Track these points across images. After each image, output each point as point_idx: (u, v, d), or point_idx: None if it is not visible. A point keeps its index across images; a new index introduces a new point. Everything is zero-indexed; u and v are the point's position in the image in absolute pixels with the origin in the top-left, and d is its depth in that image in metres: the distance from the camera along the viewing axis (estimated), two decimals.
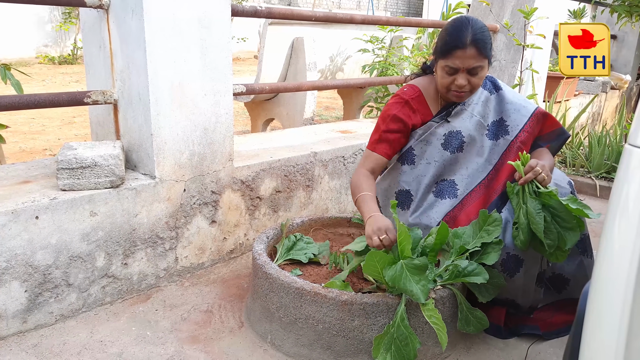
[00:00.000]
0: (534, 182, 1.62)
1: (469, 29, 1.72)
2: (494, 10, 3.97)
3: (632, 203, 0.85)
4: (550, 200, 1.58)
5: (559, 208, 1.56)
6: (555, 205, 1.57)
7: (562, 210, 1.56)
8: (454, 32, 1.74)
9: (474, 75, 1.77)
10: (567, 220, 1.56)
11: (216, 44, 2.02)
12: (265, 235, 1.96)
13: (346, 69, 4.42)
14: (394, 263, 1.52)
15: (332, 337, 1.59)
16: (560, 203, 1.56)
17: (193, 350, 1.67)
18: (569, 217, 1.56)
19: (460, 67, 1.74)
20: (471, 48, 1.71)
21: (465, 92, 1.80)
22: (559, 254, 1.60)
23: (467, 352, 1.73)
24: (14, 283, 1.65)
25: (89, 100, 1.94)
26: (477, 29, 1.72)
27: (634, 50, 6.80)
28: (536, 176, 1.61)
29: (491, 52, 1.78)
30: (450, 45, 1.73)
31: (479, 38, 1.72)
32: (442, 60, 1.77)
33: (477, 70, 1.76)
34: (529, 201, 1.59)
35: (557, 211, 1.57)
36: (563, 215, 1.56)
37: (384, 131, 1.87)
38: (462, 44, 1.71)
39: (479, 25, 1.74)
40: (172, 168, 1.99)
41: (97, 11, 2.00)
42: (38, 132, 5.04)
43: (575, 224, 1.56)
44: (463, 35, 1.71)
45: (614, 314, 0.86)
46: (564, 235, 1.57)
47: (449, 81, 1.79)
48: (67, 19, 10.34)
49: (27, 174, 1.95)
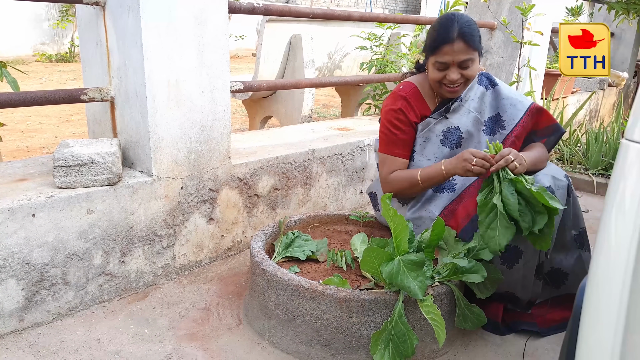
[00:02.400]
0: (507, 170, 1.63)
1: (455, 24, 1.75)
2: (491, 7, 3.97)
3: (628, 198, 0.85)
4: (519, 186, 1.60)
5: (527, 194, 1.59)
6: (523, 191, 1.59)
7: (529, 196, 1.59)
8: (441, 28, 1.77)
9: (465, 68, 1.78)
10: (535, 205, 1.58)
11: (213, 41, 2.02)
12: (263, 232, 1.96)
13: (344, 67, 4.41)
14: (391, 259, 1.52)
15: (330, 334, 1.59)
16: (527, 189, 1.58)
17: (191, 348, 1.67)
18: (536, 201, 1.58)
19: (451, 62, 1.77)
20: (459, 42, 1.73)
21: (459, 85, 1.82)
22: (542, 240, 1.61)
23: (464, 349, 1.73)
24: (11, 281, 1.64)
25: (86, 98, 1.93)
26: (463, 23, 1.75)
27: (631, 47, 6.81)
28: (507, 164, 1.62)
29: (480, 44, 1.80)
30: (438, 41, 1.76)
31: (466, 31, 1.74)
32: (432, 56, 1.80)
33: (468, 63, 1.77)
34: (504, 185, 1.61)
35: (527, 196, 1.59)
36: (532, 200, 1.59)
37: (395, 133, 1.88)
38: (450, 38, 1.73)
39: (465, 19, 1.77)
40: (170, 165, 1.98)
41: (94, 8, 1.99)
42: (35, 130, 5.03)
43: (542, 207, 1.58)
44: (450, 30, 1.74)
45: (610, 309, 0.86)
46: (535, 217, 1.59)
47: (440, 76, 1.81)
48: (64, 17, 10.30)
49: (24, 171, 1.94)
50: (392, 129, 1.89)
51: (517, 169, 1.63)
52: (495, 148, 1.68)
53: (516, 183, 1.60)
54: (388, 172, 1.91)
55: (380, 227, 2.17)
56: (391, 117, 1.90)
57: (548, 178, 1.71)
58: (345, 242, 2.05)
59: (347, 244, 2.03)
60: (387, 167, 1.92)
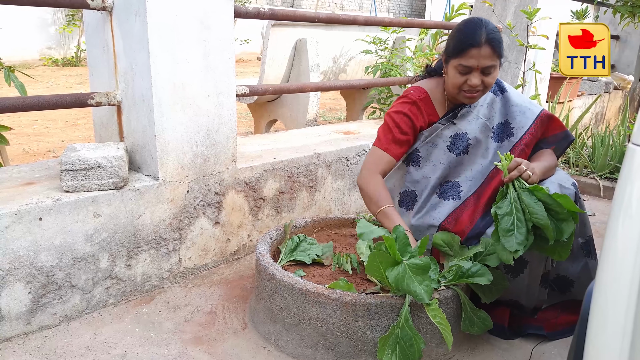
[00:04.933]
0: (521, 180, 1.62)
1: (483, 29, 1.72)
2: (496, 11, 3.97)
3: (635, 202, 0.85)
4: (539, 194, 1.57)
5: (550, 201, 1.55)
6: (545, 199, 1.56)
7: (552, 203, 1.55)
8: (469, 31, 1.73)
9: (487, 75, 1.75)
10: (559, 212, 1.54)
11: (219, 46, 2.03)
12: (268, 236, 1.96)
13: (349, 70, 4.42)
14: (396, 264, 1.52)
15: (336, 338, 1.59)
16: (549, 196, 1.55)
17: (197, 352, 1.67)
18: (560, 208, 1.54)
19: (475, 66, 1.73)
20: (486, 47, 1.70)
21: (478, 92, 1.79)
22: (561, 250, 1.58)
23: (471, 353, 1.72)
24: (18, 284, 1.65)
25: (93, 102, 1.94)
26: (491, 29, 1.72)
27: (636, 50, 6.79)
28: (521, 174, 1.61)
29: (503, 53, 1.78)
30: (466, 44, 1.72)
31: (494, 37, 1.71)
32: (456, 59, 1.76)
33: (491, 69, 1.75)
34: (524, 195, 1.58)
35: (549, 204, 1.55)
36: (555, 207, 1.55)
37: (395, 132, 1.87)
38: (478, 42, 1.70)
39: (492, 26, 1.74)
40: (176, 169, 1.99)
41: (101, 13, 2.00)
42: (42, 134, 5.06)
43: (567, 214, 1.54)
44: (478, 34, 1.71)
45: (618, 313, 0.86)
46: (559, 226, 1.55)
47: (461, 81, 1.77)
48: (71, 21, 10.37)
49: (31, 175, 1.95)
50: (392, 127, 1.87)
51: (530, 178, 1.61)
52: (507, 158, 1.66)
53: (535, 192, 1.57)
54: (373, 170, 1.86)
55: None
56: (394, 116, 1.88)
57: (555, 186, 1.70)
58: (351, 246, 2.05)
59: (352, 247, 2.03)
60: (375, 158, 1.87)
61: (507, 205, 1.58)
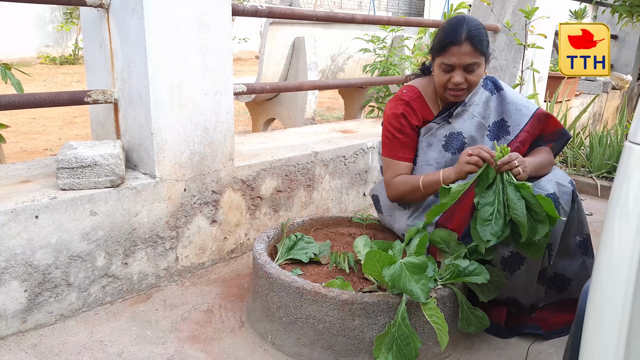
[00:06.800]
0: (510, 174, 1.62)
1: (464, 26, 1.74)
2: (495, 10, 3.97)
3: (632, 201, 0.85)
4: (524, 192, 1.59)
5: (532, 201, 1.58)
6: (529, 198, 1.58)
7: (534, 203, 1.57)
8: (449, 29, 1.76)
9: (470, 72, 1.77)
10: (538, 213, 1.57)
11: (216, 44, 2.02)
12: (265, 234, 1.96)
13: (347, 69, 4.41)
14: (393, 262, 1.52)
15: (333, 336, 1.59)
16: (533, 196, 1.57)
17: (193, 350, 1.67)
18: (540, 209, 1.57)
19: (456, 64, 1.75)
20: (466, 44, 1.72)
21: (463, 90, 1.80)
22: (535, 249, 1.60)
23: (468, 352, 1.72)
24: (14, 283, 1.64)
25: (89, 100, 1.94)
26: (472, 26, 1.74)
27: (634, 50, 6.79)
28: (512, 168, 1.61)
29: (488, 50, 1.79)
30: (446, 42, 1.75)
31: (474, 34, 1.73)
32: (438, 57, 1.79)
33: (474, 67, 1.76)
34: (509, 189, 1.60)
35: (531, 204, 1.58)
36: (536, 207, 1.57)
37: (400, 137, 1.88)
38: (457, 40, 1.72)
39: (474, 23, 1.76)
40: (173, 167, 1.99)
41: (98, 10, 2.00)
42: (39, 132, 5.05)
43: (545, 217, 1.57)
44: (458, 32, 1.73)
45: (614, 312, 0.85)
46: (535, 226, 1.58)
47: (445, 79, 1.79)
48: (69, 19, 10.35)
49: (27, 173, 1.95)
50: (395, 133, 1.89)
51: (520, 175, 1.62)
52: (503, 151, 1.67)
53: (521, 189, 1.59)
54: (392, 176, 1.90)
55: (383, 229, 2.17)
56: (393, 121, 1.89)
57: (552, 184, 1.70)
58: (348, 245, 2.05)
59: (349, 246, 2.03)
60: (391, 171, 1.91)
61: (491, 196, 1.62)
